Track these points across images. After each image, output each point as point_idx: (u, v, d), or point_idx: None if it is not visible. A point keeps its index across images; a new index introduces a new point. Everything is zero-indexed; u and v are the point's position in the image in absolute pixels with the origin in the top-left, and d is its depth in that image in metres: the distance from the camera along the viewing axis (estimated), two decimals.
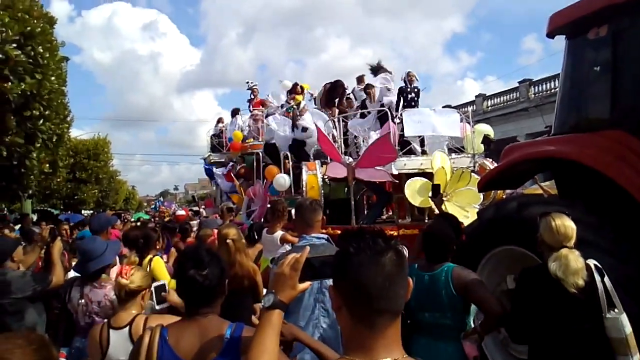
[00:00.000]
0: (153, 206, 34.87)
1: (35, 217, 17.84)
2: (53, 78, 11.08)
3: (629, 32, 3.86)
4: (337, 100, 10.66)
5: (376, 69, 10.16)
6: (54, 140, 11.98)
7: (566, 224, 2.67)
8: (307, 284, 1.53)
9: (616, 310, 2.63)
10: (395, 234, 7.03)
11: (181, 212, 15.88)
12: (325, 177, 8.80)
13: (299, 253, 1.55)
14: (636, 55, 3.84)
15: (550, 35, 4.52)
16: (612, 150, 3.74)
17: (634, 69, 3.86)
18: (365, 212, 9.93)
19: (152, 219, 18.91)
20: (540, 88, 24.78)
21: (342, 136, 9.13)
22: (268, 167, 9.79)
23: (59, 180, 20.01)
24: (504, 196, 6.77)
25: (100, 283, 3.39)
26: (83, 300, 3.32)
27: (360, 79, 10.95)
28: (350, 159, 8.31)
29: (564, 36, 4.48)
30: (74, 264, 4.23)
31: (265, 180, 9.83)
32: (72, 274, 4.12)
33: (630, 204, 3.56)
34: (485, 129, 9.55)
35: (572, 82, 4.46)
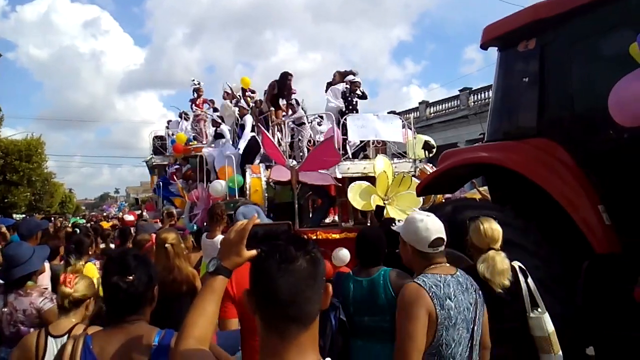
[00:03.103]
0: (117, 209, 33.30)
1: None
2: None
3: (554, 46, 4.07)
4: (285, 93, 10.36)
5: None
6: None
7: (493, 227, 2.79)
8: (253, 252, 1.46)
9: (539, 309, 2.78)
10: (338, 237, 7.11)
11: (130, 217, 14.96)
12: (270, 180, 8.76)
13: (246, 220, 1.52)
14: (561, 68, 4.06)
15: (484, 46, 4.72)
16: (538, 157, 3.95)
17: (559, 81, 4.07)
18: (311, 215, 9.96)
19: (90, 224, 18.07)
20: (479, 96, 25.71)
21: (287, 139, 9.13)
22: (221, 167, 9.61)
23: None
24: (443, 200, 6.99)
25: (26, 290, 3.21)
26: (7, 309, 3.14)
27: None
28: (294, 162, 8.31)
29: (496, 48, 4.69)
30: None
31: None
32: None
33: (555, 208, 3.77)
34: (427, 137, 9.83)
35: (503, 92, 4.67)
